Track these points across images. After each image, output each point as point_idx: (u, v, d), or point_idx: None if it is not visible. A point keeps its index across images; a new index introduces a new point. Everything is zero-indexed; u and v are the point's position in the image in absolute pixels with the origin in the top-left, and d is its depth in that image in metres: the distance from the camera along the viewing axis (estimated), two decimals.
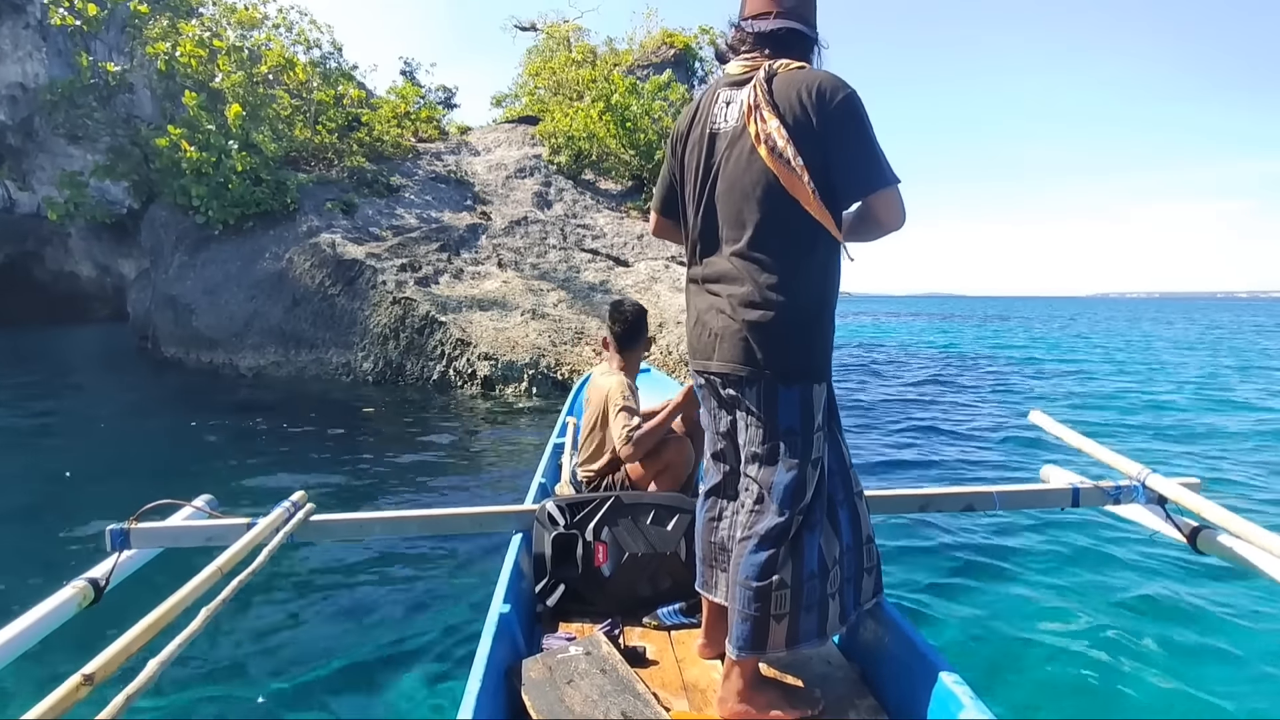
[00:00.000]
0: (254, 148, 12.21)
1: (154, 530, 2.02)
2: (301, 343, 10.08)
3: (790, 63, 1.52)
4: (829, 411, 1.60)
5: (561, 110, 15.98)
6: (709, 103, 1.62)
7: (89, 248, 24.71)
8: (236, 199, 11.84)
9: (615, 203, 14.80)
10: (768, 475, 1.55)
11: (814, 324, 1.54)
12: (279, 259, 11.15)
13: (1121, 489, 2.33)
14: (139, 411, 8.24)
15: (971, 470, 5.65)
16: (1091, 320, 44.06)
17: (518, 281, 10.79)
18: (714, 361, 1.58)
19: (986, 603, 3.08)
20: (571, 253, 12.11)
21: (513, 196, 13.80)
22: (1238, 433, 7.33)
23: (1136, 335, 26.83)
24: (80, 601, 1.63)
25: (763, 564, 1.51)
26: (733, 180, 1.54)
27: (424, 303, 9.59)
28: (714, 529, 1.75)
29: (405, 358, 9.42)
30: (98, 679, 1.13)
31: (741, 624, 1.52)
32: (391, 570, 3.55)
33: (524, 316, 9.66)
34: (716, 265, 1.59)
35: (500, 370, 8.66)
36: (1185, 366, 14.55)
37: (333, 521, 2.24)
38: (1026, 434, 6.68)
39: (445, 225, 12.08)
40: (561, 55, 18.75)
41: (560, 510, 2.22)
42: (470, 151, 15.79)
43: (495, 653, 1.62)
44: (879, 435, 7.01)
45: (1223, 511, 1.92)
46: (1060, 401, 9.54)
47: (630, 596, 2.13)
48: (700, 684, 1.76)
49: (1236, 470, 5.69)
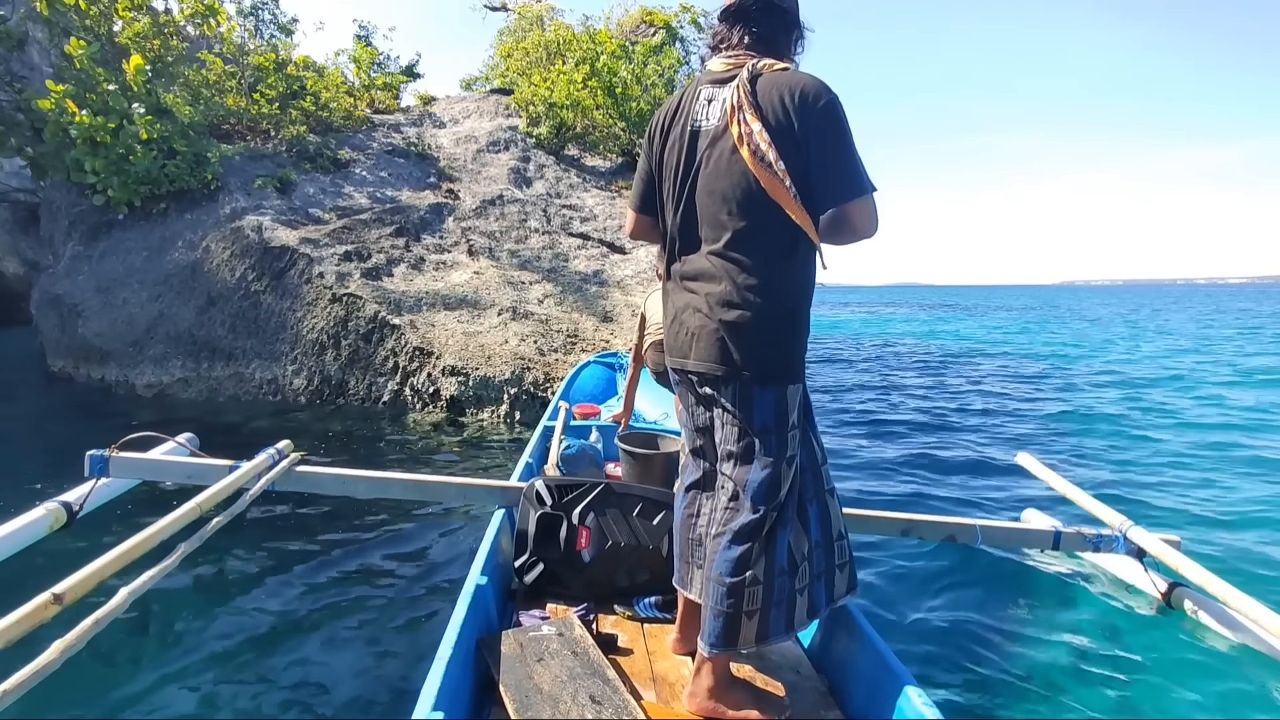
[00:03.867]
0: (165, 113, 9.96)
1: (134, 461, 2.08)
2: (216, 353, 7.93)
3: (774, 63, 1.51)
4: (803, 411, 1.61)
5: (540, 74, 13.86)
6: (690, 99, 1.60)
7: (14, 241, 21.94)
8: (142, 175, 9.57)
9: (604, 181, 12.75)
10: (743, 473, 1.56)
11: (790, 325, 1.54)
12: (194, 248, 8.96)
13: (1102, 537, 2.40)
14: None
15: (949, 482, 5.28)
16: (1069, 307, 45.68)
17: (493, 272, 8.73)
18: (690, 360, 1.59)
19: (962, 621, 2.95)
20: (557, 237, 10.07)
21: (485, 173, 11.69)
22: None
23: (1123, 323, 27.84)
24: (52, 524, 1.73)
25: (737, 560, 1.51)
26: (713, 180, 1.53)
27: (371, 301, 7.49)
28: (692, 525, 1.74)
29: (347, 372, 7.33)
30: (68, 600, 1.15)
31: (714, 620, 1.53)
32: (371, 535, 3.52)
33: (502, 317, 7.62)
34: (695, 264, 1.59)
35: (471, 389, 6.61)
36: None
37: (317, 474, 2.30)
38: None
39: (402, 205, 9.95)
40: (535, 35, 16.87)
41: (549, 490, 2.20)
42: (434, 123, 13.61)
43: (468, 623, 1.62)
44: (856, 437, 6.78)
45: (1201, 570, 1.96)
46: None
47: (607, 584, 2.11)
48: (669, 678, 1.75)
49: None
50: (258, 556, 3.22)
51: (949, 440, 6.67)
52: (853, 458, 5.91)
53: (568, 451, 3.05)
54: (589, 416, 4.12)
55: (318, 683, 2.34)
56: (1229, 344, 17.70)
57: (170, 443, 2.16)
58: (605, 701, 1.51)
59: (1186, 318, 30.51)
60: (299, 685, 2.32)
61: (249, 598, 2.86)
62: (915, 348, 17.39)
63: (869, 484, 5.14)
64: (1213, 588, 1.88)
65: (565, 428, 3.47)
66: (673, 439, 2.88)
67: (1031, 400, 9.18)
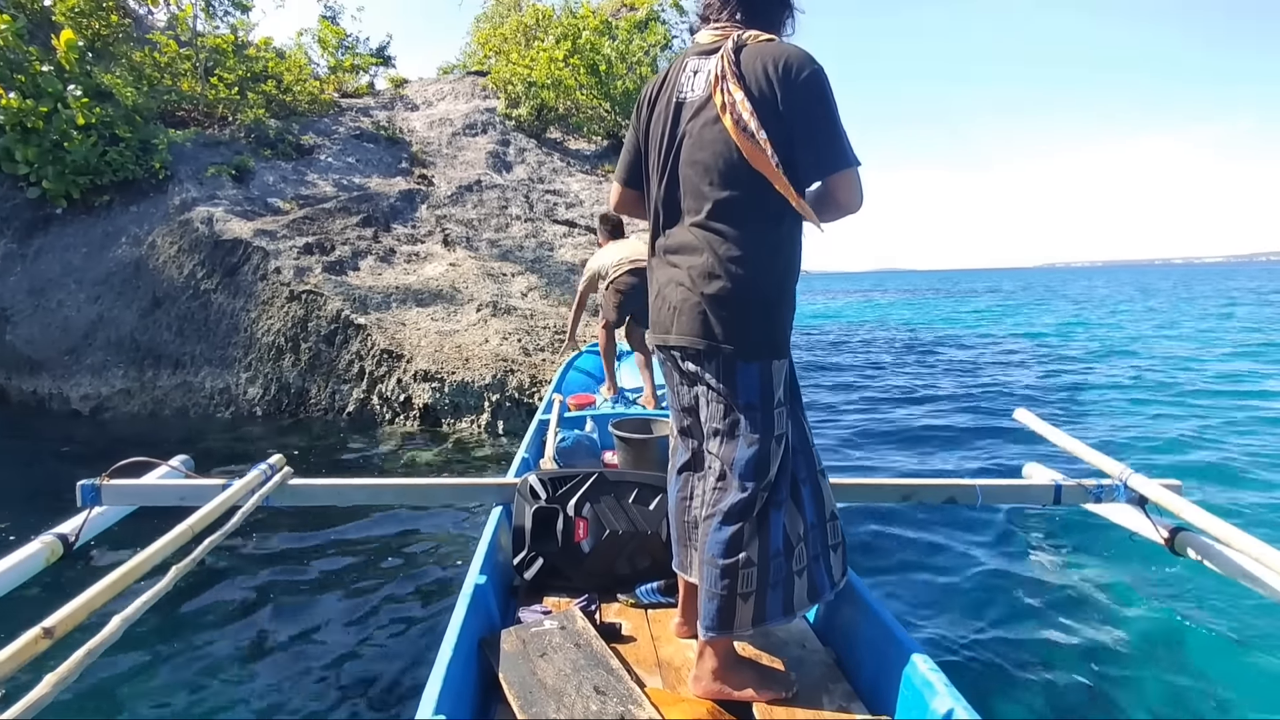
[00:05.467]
0: (106, 95, 9.04)
1: (127, 488, 2.08)
2: (162, 360, 7.09)
3: (760, 34, 1.49)
4: (790, 388, 1.58)
5: (519, 52, 13.00)
6: (676, 72, 1.58)
7: None
8: (80, 164, 8.67)
9: (589, 165, 11.96)
10: (729, 451, 1.53)
11: (774, 298, 1.51)
12: (139, 243, 8.10)
13: (1103, 488, 2.38)
14: None
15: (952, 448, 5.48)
16: (1057, 289, 46.94)
17: (471, 264, 7.94)
18: (672, 335, 1.55)
19: (966, 590, 2.99)
20: (541, 225, 9.28)
21: (461, 157, 10.86)
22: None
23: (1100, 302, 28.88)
24: (48, 556, 1.69)
25: (728, 541, 1.50)
26: (696, 150, 1.50)
27: (334, 298, 6.68)
28: (686, 508, 1.72)
29: (308, 379, 6.52)
30: (59, 632, 1.15)
31: (709, 603, 1.52)
32: (369, 541, 3.53)
33: (481, 313, 6.84)
34: (677, 236, 1.56)
35: (448, 396, 5.84)
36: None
37: (311, 486, 2.28)
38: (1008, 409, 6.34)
39: (371, 193, 9.11)
40: (513, 20, 16.01)
41: (543, 484, 2.20)
42: (406, 106, 12.74)
43: (469, 623, 1.62)
44: (856, 416, 6.79)
45: (1203, 514, 1.97)
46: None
47: (608, 574, 2.10)
48: (675, 662, 1.75)
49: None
50: (253, 570, 3.24)
51: (946, 409, 6.89)
52: (851, 428, 6.07)
53: (563, 444, 2.98)
54: (584, 406, 4.04)
55: (319, 689, 2.36)
56: (1230, 321, 17.43)
57: (163, 466, 2.21)
58: (610, 692, 1.52)
59: (1178, 297, 30.85)
60: (301, 692, 2.34)
61: (246, 609, 2.88)
62: (909, 332, 17.10)
63: (868, 456, 5.21)
64: (1216, 530, 1.90)
65: (560, 420, 3.42)
66: (665, 422, 2.88)
67: (1028, 371, 9.51)
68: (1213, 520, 1.91)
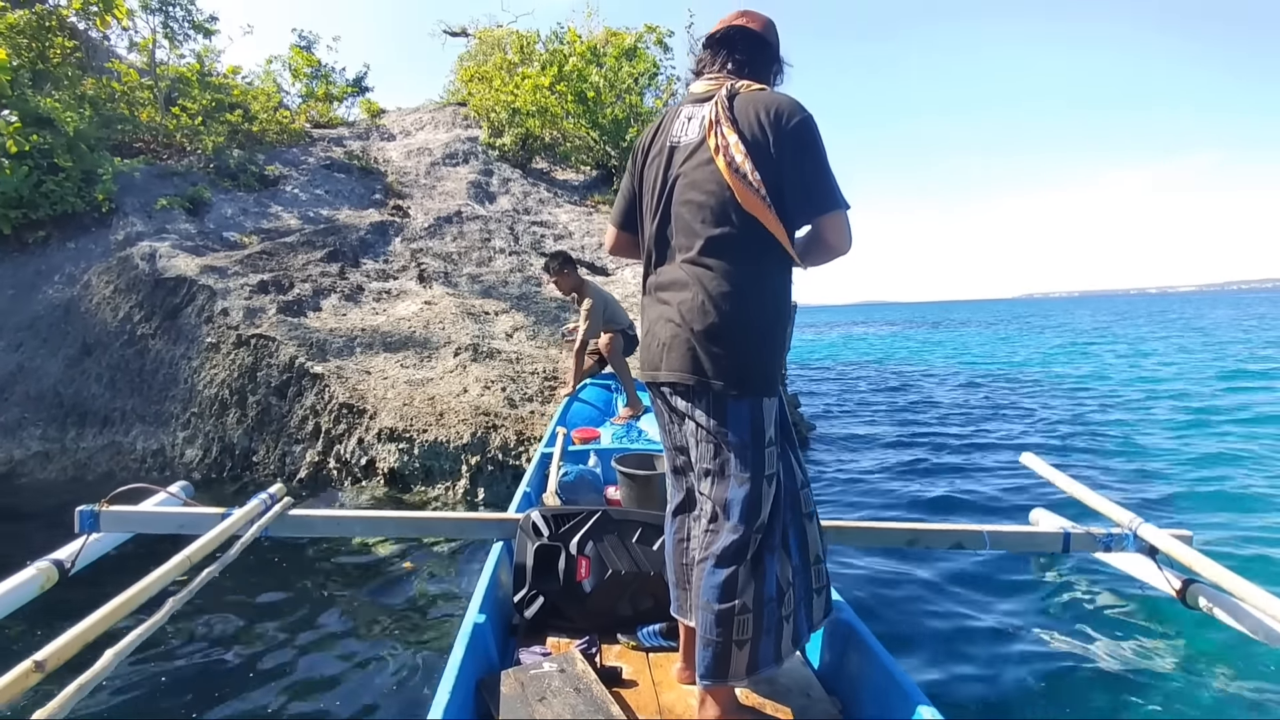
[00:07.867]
0: (45, 122, 8.21)
1: (125, 514, 2.07)
2: (88, 418, 6.11)
3: (752, 84, 1.54)
4: (780, 426, 1.56)
5: (501, 79, 12.37)
6: (671, 119, 1.62)
7: None
8: (12, 196, 7.81)
9: (578, 195, 11.24)
10: (720, 492, 1.50)
11: (764, 336, 1.50)
12: (74, 283, 7.19)
13: (1112, 536, 2.32)
14: None
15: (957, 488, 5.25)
16: (1044, 320, 47.05)
17: (449, 301, 7.08)
18: (662, 371, 1.54)
19: (974, 638, 2.87)
20: (527, 258, 8.48)
21: (440, 188, 10.09)
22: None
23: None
24: (43, 583, 1.69)
25: (722, 585, 1.46)
26: (689, 191, 1.52)
27: (288, 343, 5.78)
28: (684, 550, 1.69)
29: (254, 438, 5.57)
30: (50, 666, 1.12)
31: (704, 650, 1.48)
32: (366, 575, 3.49)
33: (460, 358, 5.97)
34: (668, 273, 1.57)
35: (418, 459, 4.92)
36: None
37: (310, 517, 2.28)
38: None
39: (339, 225, 8.28)
40: (497, 57, 15.51)
41: (545, 520, 2.17)
42: (382, 135, 12.01)
43: (467, 662, 1.58)
44: (859, 456, 6.56)
45: (1215, 566, 1.89)
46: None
47: (610, 614, 2.05)
48: (676, 709, 1.68)
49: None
50: (247, 602, 3.16)
51: (948, 450, 6.68)
52: (848, 473, 5.82)
53: (566, 478, 2.90)
54: (588, 440, 3.91)
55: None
56: (1225, 348, 17.04)
57: (162, 493, 2.17)
58: None
59: (1156, 326, 31.27)
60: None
61: (239, 644, 2.78)
62: (898, 366, 16.66)
63: (870, 498, 5.08)
64: (1228, 583, 1.83)
65: (563, 453, 3.38)
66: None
67: (1025, 407, 9.26)
68: (1225, 573, 1.85)
